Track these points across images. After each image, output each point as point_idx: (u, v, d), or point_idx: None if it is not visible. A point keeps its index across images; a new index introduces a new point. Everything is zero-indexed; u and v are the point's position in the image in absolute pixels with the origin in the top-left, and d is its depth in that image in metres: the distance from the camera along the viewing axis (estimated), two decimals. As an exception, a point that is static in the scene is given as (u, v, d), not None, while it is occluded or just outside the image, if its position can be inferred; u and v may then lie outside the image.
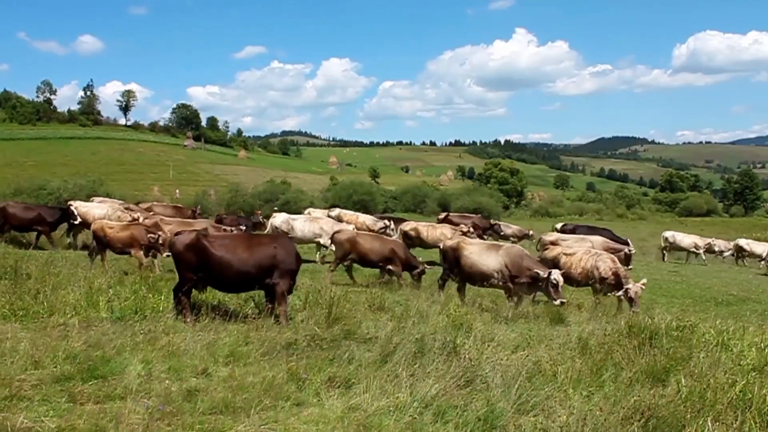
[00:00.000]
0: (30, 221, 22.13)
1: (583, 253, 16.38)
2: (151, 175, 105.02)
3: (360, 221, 26.94)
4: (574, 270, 15.74)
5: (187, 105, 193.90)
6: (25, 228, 22.50)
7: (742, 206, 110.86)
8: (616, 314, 13.34)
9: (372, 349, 8.66)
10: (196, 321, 10.02)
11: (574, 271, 15.70)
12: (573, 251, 16.75)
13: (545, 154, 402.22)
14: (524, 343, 9.46)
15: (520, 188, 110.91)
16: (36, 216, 22.07)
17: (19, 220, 22.11)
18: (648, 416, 6.02)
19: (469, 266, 14.80)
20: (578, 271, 15.78)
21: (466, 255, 14.90)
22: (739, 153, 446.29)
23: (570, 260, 16.07)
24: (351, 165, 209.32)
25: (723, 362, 8.41)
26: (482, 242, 16.39)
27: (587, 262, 15.79)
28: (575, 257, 16.17)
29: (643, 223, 68.83)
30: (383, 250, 17.45)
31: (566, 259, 16.19)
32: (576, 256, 16.23)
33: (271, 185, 72.29)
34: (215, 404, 6.47)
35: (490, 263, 14.50)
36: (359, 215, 29.42)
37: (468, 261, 14.83)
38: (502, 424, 6.28)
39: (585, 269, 15.74)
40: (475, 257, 14.79)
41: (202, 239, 10.73)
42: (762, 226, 69.38)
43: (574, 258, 16.13)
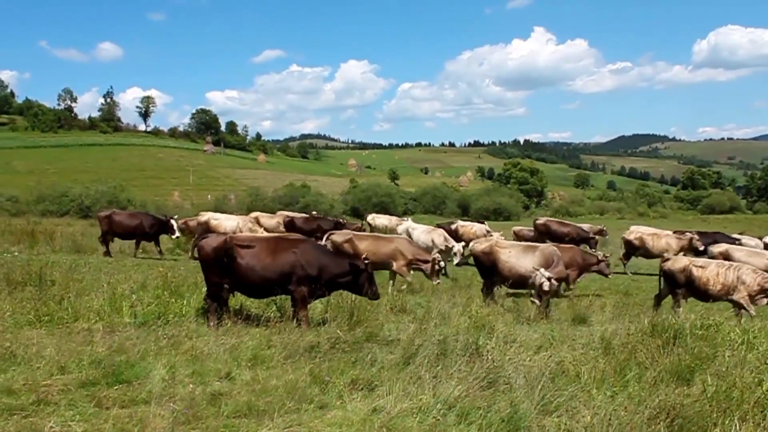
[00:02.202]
0: (134, 229, 22.40)
1: (716, 266, 14.67)
2: (172, 180, 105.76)
3: (472, 231, 26.76)
4: (712, 286, 14.23)
5: (206, 110, 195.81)
6: (128, 236, 22.74)
7: (766, 202, 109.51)
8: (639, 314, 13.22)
9: (394, 351, 8.67)
10: (219, 325, 10.07)
11: (712, 287, 14.23)
12: (704, 263, 14.97)
13: (565, 153, 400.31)
14: (547, 344, 9.41)
15: (540, 188, 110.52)
16: (138, 224, 22.32)
17: (124, 228, 22.37)
18: (673, 416, 5.98)
19: (508, 270, 14.73)
20: (717, 287, 14.19)
21: (504, 260, 14.82)
22: (762, 149, 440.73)
23: (705, 274, 14.44)
24: (370, 167, 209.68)
25: (749, 361, 8.32)
26: (517, 244, 16.14)
27: (726, 276, 14.14)
28: (710, 270, 14.47)
29: (665, 221, 68.19)
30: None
31: (699, 272, 14.56)
32: (710, 269, 14.51)
33: (291, 189, 72.61)
34: (239, 408, 6.51)
35: (529, 265, 14.44)
36: (474, 225, 29.09)
37: (506, 266, 14.76)
38: (526, 425, 6.25)
39: (726, 284, 14.13)
40: (514, 260, 14.73)
41: (228, 244, 10.79)
42: (786, 223, 68.61)
43: (708, 271, 14.46)
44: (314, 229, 25.48)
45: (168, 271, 13.64)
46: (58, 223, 36.50)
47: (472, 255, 15.85)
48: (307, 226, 26.43)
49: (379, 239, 18.11)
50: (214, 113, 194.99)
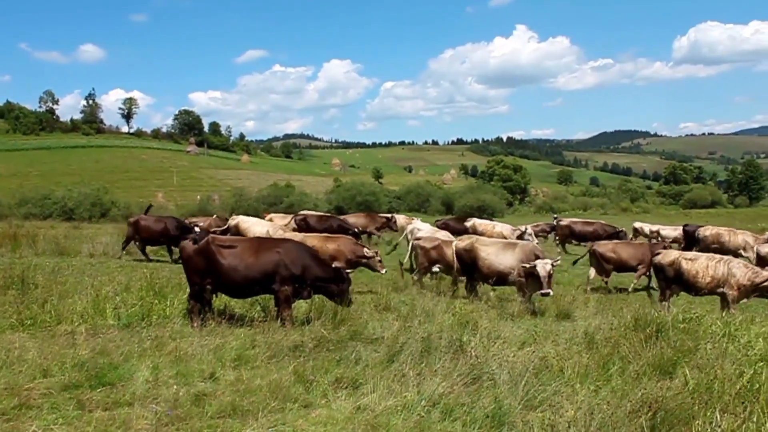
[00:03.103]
0: (159, 233, 22.20)
1: (706, 258, 14.64)
2: (155, 181, 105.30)
3: (497, 231, 26.52)
4: (702, 279, 14.14)
5: (189, 111, 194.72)
6: (155, 241, 22.56)
7: (747, 197, 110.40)
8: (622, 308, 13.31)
9: (379, 349, 8.71)
10: (203, 326, 10.04)
11: (701, 280, 14.14)
12: (694, 256, 15.00)
13: (548, 150, 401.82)
14: (531, 340, 9.47)
15: (524, 185, 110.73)
16: (163, 228, 22.10)
17: (150, 233, 22.17)
18: (656, 409, 6.01)
19: (488, 267, 14.77)
20: (707, 280, 14.06)
21: (483, 257, 14.86)
22: (742, 143, 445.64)
23: (694, 267, 14.36)
24: (354, 166, 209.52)
25: (730, 353, 8.41)
26: (497, 241, 16.16)
27: (716, 270, 14.04)
28: (699, 263, 14.41)
29: (648, 217, 68.52)
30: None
31: (689, 265, 14.49)
32: (700, 262, 14.47)
33: (275, 188, 72.31)
34: (223, 408, 6.50)
35: (508, 262, 14.48)
36: (496, 224, 28.69)
37: (485, 263, 14.79)
38: (510, 420, 6.29)
39: (716, 277, 14.02)
40: (493, 258, 14.76)
41: (210, 245, 10.77)
42: (767, 216, 69.18)
43: (698, 264, 14.39)
44: (326, 228, 25.37)
45: (152, 273, 13.61)
46: (40, 226, 36.13)
47: (455, 252, 15.80)
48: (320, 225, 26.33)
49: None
50: (197, 114, 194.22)
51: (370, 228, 30.55)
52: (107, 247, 22.93)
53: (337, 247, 16.27)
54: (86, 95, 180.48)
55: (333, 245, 16.34)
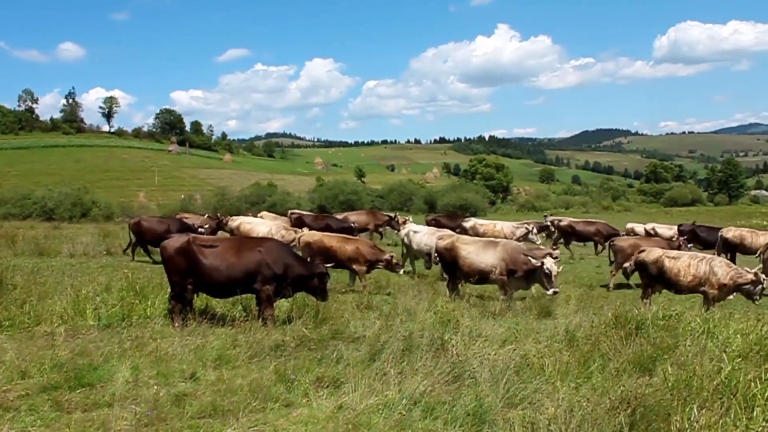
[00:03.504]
0: (160, 235, 21.95)
1: (689, 257, 14.72)
2: (137, 181, 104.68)
3: (498, 229, 26.35)
4: (683, 277, 14.25)
5: (170, 110, 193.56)
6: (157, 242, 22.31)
7: (726, 195, 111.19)
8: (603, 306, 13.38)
9: (360, 348, 8.69)
10: (184, 326, 10.00)
11: (683, 278, 14.25)
12: (677, 254, 15.05)
13: (530, 149, 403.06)
14: (512, 338, 9.47)
15: (506, 183, 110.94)
16: (166, 229, 21.80)
17: (153, 234, 21.89)
18: (635, 406, 6.03)
19: (468, 266, 14.79)
20: (688, 279, 14.19)
21: (464, 256, 14.88)
22: (721, 142, 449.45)
23: (676, 265, 14.46)
24: (336, 165, 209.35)
25: (709, 350, 8.44)
26: (478, 240, 16.21)
27: (698, 268, 14.13)
28: (681, 262, 14.49)
29: (629, 215, 68.92)
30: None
31: (671, 263, 14.59)
32: (682, 260, 14.54)
33: (257, 188, 72.07)
34: (203, 408, 6.48)
35: (489, 260, 14.51)
36: (497, 223, 28.32)
37: (466, 262, 14.81)
38: (491, 418, 6.31)
39: (697, 276, 14.12)
40: (474, 256, 14.78)
41: (191, 244, 10.74)
42: (746, 214, 69.87)
43: (680, 263, 14.47)
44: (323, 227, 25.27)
45: (133, 273, 13.53)
46: (20, 226, 35.89)
47: (436, 251, 15.84)
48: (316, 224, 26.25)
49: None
50: (178, 113, 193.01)
51: (371, 226, 30.55)
52: (87, 248, 22.79)
53: (356, 248, 16.37)
54: (66, 94, 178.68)
55: (351, 246, 16.44)
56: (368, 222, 31.06)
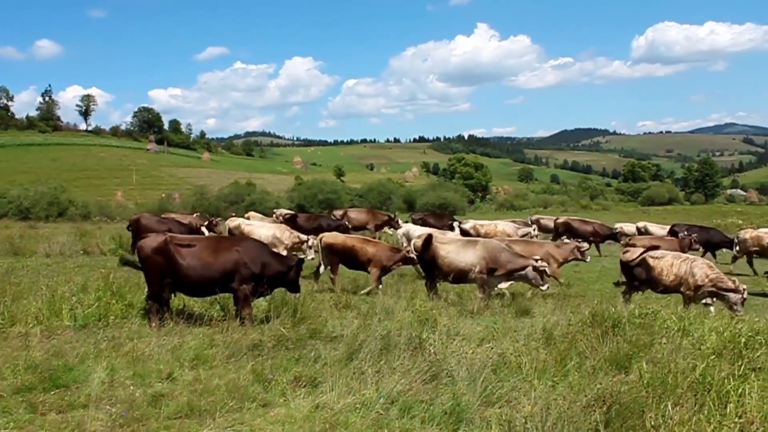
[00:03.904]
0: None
1: (673, 257, 14.80)
2: (114, 180, 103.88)
3: (500, 230, 26.16)
4: (666, 276, 14.36)
5: (148, 108, 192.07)
6: None
7: (703, 194, 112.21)
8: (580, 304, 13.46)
9: (338, 347, 8.69)
10: (161, 325, 9.95)
11: (665, 277, 14.36)
12: (661, 254, 15.10)
13: (509, 148, 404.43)
14: (489, 336, 9.50)
15: (485, 182, 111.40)
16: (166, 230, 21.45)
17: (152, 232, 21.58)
18: (610, 403, 6.08)
19: (447, 265, 14.80)
20: (670, 278, 14.30)
21: (443, 255, 14.87)
22: (698, 141, 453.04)
23: (660, 264, 14.56)
24: (316, 164, 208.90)
25: (684, 347, 8.53)
26: (458, 239, 16.25)
27: (680, 268, 14.26)
28: (665, 261, 14.59)
29: (607, 213, 69.41)
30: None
31: (655, 263, 14.68)
32: (666, 260, 14.64)
33: (236, 187, 71.69)
34: (180, 408, 6.46)
35: (469, 259, 14.54)
36: (498, 223, 28.11)
37: (445, 261, 14.82)
38: (468, 416, 6.34)
39: (678, 275, 14.22)
40: (453, 255, 14.79)
41: (168, 244, 10.68)
42: (722, 213, 70.52)
43: (663, 262, 14.59)
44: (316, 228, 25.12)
45: (110, 273, 13.42)
46: (-6, 225, 35.56)
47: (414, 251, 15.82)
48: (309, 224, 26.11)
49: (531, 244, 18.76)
50: (156, 111, 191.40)
51: (370, 225, 30.54)
52: (64, 247, 22.61)
53: (375, 251, 16.30)
54: (42, 92, 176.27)
55: (372, 249, 16.38)
56: (368, 221, 31.04)
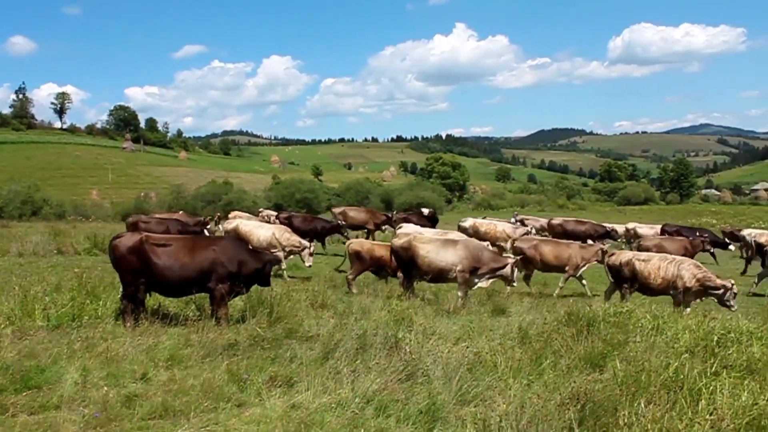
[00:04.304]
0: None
1: (659, 259, 14.86)
2: (90, 179, 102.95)
3: (499, 230, 26.13)
4: (653, 280, 14.45)
5: (125, 106, 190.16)
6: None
7: (678, 194, 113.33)
8: (555, 304, 13.54)
9: (314, 347, 8.69)
10: (136, 326, 9.87)
11: (653, 281, 14.45)
12: (647, 257, 15.23)
13: (487, 148, 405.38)
14: (465, 335, 9.54)
15: (462, 182, 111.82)
16: (164, 230, 21.14)
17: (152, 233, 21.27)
18: (584, 401, 6.14)
19: (428, 265, 14.82)
20: (658, 281, 14.38)
21: (423, 255, 14.88)
22: (673, 142, 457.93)
23: (646, 267, 14.61)
24: (293, 163, 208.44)
25: (658, 345, 8.65)
26: (437, 239, 16.29)
27: (667, 270, 14.33)
28: (651, 264, 14.65)
29: (584, 213, 69.89)
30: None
31: (642, 266, 14.72)
32: (653, 263, 14.70)
33: (213, 186, 71.29)
34: (154, 409, 6.41)
35: (449, 258, 14.58)
36: (497, 223, 28.19)
37: (425, 261, 14.83)
38: (444, 415, 6.37)
39: (666, 278, 14.31)
40: (433, 255, 14.80)
41: (144, 243, 10.61)
42: (696, 213, 71.36)
43: (650, 265, 14.63)
44: (311, 230, 25.01)
45: (84, 272, 13.31)
46: (-34, 224, 35.12)
47: (392, 250, 15.79)
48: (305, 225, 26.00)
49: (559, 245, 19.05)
50: (133, 110, 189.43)
51: (369, 225, 30.51)
52: (38, 247, 22.33)
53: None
54: (16, 89, 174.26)
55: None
56: (367, 220, 31.04)
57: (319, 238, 26.07)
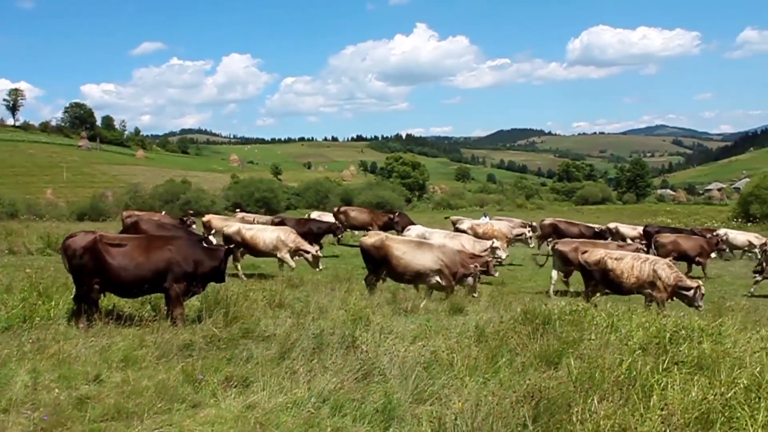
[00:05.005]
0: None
1: (632, 258, 14.77)
2: (44, 177, 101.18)
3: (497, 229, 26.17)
4: (626, 279, 14.40)
5: (80, 104, 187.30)
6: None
7: (634, 194, 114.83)
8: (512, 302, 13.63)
9: (270, 346, 8.62)
10: (89, 326, 9.72)
11: (626, 280, 14.40)
12: (620, 255, 15.07)
13: (446, 147, 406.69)
14: (422, 334, 9.55)
15: (422, 181, 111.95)
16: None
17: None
18: (538, 398, 6.19)
19: (404, 266, 14.80)
20: (631, 281, 14.34)
21: (399, 255, 14.85)
22: (630, 143, 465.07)
23: (619, 266, 14.55)
24: (253, 162, 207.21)
25: (612, 343, 8.73)
26: (410, 240, 16.31)
27: (642, 270, 14.28)
28: (625, 263, 14.58)
29: (542, 212, 70.52)
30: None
31: (614, 264, 14.67)
32: (626, 261, 14.62)
33: (171, 185, 70.60)
34: (107, 411, 6.32)
35: (426, 263, 14.59)
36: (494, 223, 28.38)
37: (401, 262, 14.80)
38: (400, 414, 6.37)
39: (640, 278, 14.28)
40: (409, 257, 14.78)
41: (98, 243, 10.45)
42: (652, 212, 72.36)
43: (623, 264, 14.58)
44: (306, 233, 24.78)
45: (36, 273, 13.07)
46: None
47: (361, 248, 15.73)
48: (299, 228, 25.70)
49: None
50: (89, 107, 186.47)
51: (371, 225, 30.37)
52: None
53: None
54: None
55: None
56: (369, 221, 30.90)
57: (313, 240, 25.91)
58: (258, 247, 19.35)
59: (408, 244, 15.29)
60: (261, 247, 19.27)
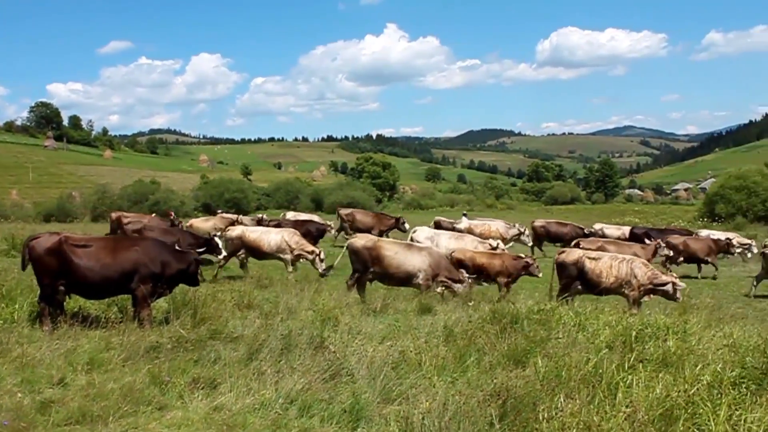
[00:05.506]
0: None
1: (610, 258, 14.81)
2: (9, 178, 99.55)
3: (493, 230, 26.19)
4: (605, 279, 14.36)
5: (47, 103, 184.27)
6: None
7: (603, 194, 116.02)
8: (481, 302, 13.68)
9: (238, 347, 8.57)
10: (54, 329, 9.59)
11: (605, 279, 14.36)
12: (598, 255, 15.14)
13: (417, 148, 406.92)
14: (391, 334, 9.57)
15: (393, 182, 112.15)
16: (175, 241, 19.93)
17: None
18: (505, 397, 6.23)
19: (396, 266, 14.89)
20: (610, 280, 14.31)
21: (391, 255, 14.95)
22: (599, 143, 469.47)
23: (597, 266, 14.53)
24: (222, 163, 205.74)
25: (579, 341, 8.83)
26: (399, 242, 16.39)
27: (620, 269, 14.29)
28: (603, 263, 14.56)
29: (512, 212, 71.00)
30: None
31: (593, 264, 14.63)
32: (603, 261, 14.63)
33: (140, 185, 69.90)
34: (71, 414, 6.25)
35: (416, 263, 14.68)
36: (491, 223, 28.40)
37: (393, 261, 14.91)
38: (368, 414, 6.38)
39: (619, 277, 14.27)
40: (401, 257, 14.90)
41: (63, 244, 10.32)
42: (620, 212, 73.07)
43: (601, 264, 14.56)
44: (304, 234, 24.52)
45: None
46: None
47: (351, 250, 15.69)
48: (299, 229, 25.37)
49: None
50: (55, 107, 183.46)
51: (375, 230, 30.06)
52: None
53: (502, 263, 16.74)
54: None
55: (498, 261, 16.79)
56: (374, 225, 30.83)
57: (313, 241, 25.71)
58: (262, 249, 19.25)
59: (398, 245, 15.50)
60: (265, 249, 19.19)
